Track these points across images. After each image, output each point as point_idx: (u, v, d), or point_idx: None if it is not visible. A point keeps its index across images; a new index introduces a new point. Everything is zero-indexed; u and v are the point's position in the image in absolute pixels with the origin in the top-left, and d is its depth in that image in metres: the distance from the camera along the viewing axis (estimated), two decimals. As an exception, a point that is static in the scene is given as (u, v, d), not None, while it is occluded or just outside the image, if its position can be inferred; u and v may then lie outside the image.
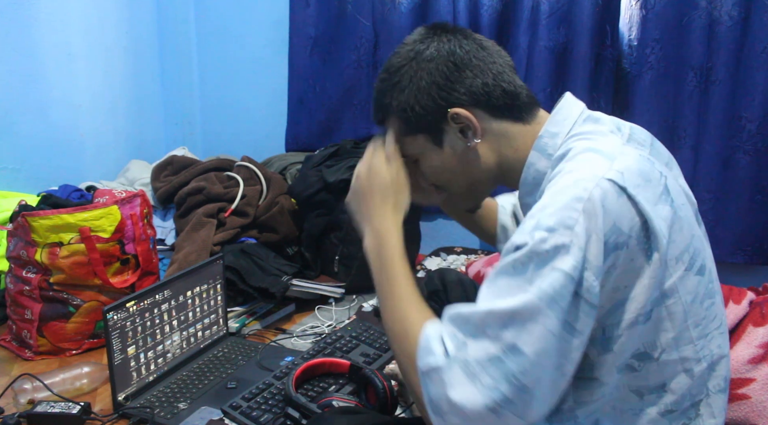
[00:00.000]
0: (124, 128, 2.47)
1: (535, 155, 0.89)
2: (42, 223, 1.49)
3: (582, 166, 0.80)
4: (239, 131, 2.61)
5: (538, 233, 0.74)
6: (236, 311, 1.70)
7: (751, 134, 1.85)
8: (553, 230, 0.74)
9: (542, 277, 0.74)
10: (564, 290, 0.73)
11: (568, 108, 0.91)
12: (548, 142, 0.89)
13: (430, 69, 0.90)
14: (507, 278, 0.76)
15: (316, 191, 2.04)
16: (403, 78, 0.92)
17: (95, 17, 2.29)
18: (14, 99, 2.02)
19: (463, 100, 0.90)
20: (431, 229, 2.32)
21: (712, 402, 0.86)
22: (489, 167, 0.94)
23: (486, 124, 0.91)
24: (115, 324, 1.25)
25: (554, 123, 0.90)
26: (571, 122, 0.89)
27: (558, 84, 2.04)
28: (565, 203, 0.75)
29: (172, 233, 2.05)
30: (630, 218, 0.76)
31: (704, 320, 0.84)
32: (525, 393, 0.74)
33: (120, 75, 2.43)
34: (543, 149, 0.89)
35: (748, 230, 1.90)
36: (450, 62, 0.90)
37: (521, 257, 0.75)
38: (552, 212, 0.75)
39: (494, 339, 0.75)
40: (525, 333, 0.74)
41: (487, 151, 0.92)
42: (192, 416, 1.25)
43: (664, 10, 1.88)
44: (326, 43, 2.34)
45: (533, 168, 0.89)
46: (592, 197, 0.74)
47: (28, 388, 1.29)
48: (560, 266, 0.73)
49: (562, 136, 0.88)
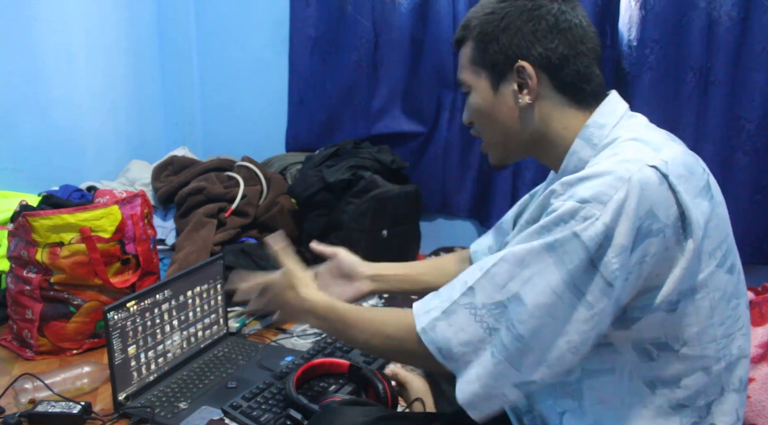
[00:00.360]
0: (124, 128, 2.47)
1: (580, 143, 0.90)
2: (43, 223, 1.49)
3: (627, 151, 0.81)
4: (239, 131, 2.61)
5: (570, 202, 0.77)
6: (236, 311, 1.70)
7: (750, 134, 1.85)
8: (586, 202, 0.76)
9: (555, 233, 0.77)
10: (575, 254, 0.76)
11: (614, 103, 0.92)
12: (594, 132, 0.89)
13: (530, 17, 0.90)
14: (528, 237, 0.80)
15: (316, 191, 2.04)
16: (501, 11, 0.92)
17: (95, 17, 2.30)
18: (15, 99, 2.02)
19: (537, 59, 0.90)
20: (431, 229, 2.33)
21: (725, 401, 0.87)
22: (530, 132, 0.94)
23: (545, 91, 0.91)
24: (116, 324, 1.26)
25: (602, 114, 0.90)
26: (618, 115, 0.90)
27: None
28: (605, 180, 0.76)
29: (172, 233, 2.05)
30: (668, 206, 0.77)
31: (729, 319, 0.85)
32: (520, 342, 0.77)
33: (120, 75, 2.44)
34: (589, 138, 0.89)
35: (747, 230, 1.90)
36: (548, 22, 0.90)
37: (547, 222, 0.78)
38: (590, 186, 0.77)
39: (500, 286, 0.79)
40: (528, 284, 0.77)
41: (536, 116, 0.92)
42: (192, 416, 1.25)
43: (663, 11, 1.88)
44: (326, 43, 2.34)
45: (576, 156, 0.90)
46: (632, 179, 0.76)
47: (29, 388, 1.30)
48: (578, 231, 0.75)
49: (608, 128, 0.89)
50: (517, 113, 0.93)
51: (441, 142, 2.27)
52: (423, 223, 2.20)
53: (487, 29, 0.92)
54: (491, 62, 0.93)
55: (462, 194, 2.28)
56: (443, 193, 2.32)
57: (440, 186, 2.31)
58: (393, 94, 2.29)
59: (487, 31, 0.92)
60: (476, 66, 0.94)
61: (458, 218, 2.33)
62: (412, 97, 2.28)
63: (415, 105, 2.28)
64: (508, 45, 0.91)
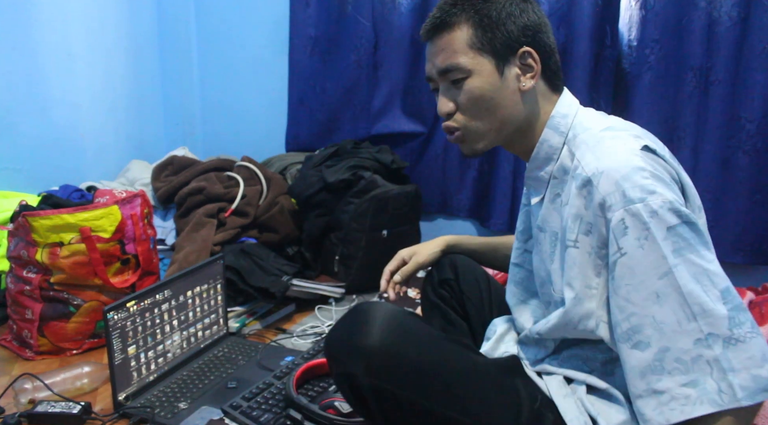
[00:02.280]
0: (124, 128, 2.47)
1: (549, 132, 0.97)
2: (42, 223, 1.49)
3: (617, 140, 0.88)
4: (239, 131, 2.62)
5: (634, 206, 0.81)
6: (236, 311, 1.70)
7: (750, 134, 1.85)
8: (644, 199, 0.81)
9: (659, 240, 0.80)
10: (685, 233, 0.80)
11: (569, 96, 1.01)
12: (560, 121, 0.97)
13: (523, 7, 0.96)
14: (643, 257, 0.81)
15: (316, 191, 2.04)
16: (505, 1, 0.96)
17: (95, 17, 2.30)
18: (14, 99, 2.02)
19: (538, 45, 0.96)
20: (431, 229, 2.33)
21: None
22: (524, 117, 0.98)
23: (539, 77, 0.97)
24: (116, 324, 1.26)
25: (562, 105, 0.99)
26: (575, 107, 0.99)
27: (558, 84, 2.05)
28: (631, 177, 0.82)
29: (172, 233, 2.05)
30: (669, 171, 0.87)
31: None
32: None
33: (120, 75, 2.44)
34: (556, 127, 0.97)
35: (747, 230, 1.90)
36: (536, 13, 0.97)
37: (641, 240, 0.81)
38: (630, 187, 0.82)
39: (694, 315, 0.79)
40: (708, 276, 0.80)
41: (529, 101, 0.98)
42: (192, 416, 1.25)
43: (663, 11, 1.88)
44: (326, 43, 2.34)
45: (546, 144, 0.97)
46: (646, 164, 0.84)
47: (29, 388, 1.30)
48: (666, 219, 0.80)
49: (570, 117, 0.97)
50: (519, 97, 0.97)
51: (441, 142, 2.27)
52: (423, 223, 2.20)
53: (490, 14, 0.94)
54: (496, 47, 0.95)
55: (462, 194, 2.28)
56: (443, 193, 2.32)
57: (440, 186, 2.32)
58: (393, 94, 2.29)
59: (491, 16, 0.94)
60: (477, 50, 0.95)
61: (458, 218, 2.33)
62: (412, 97, 2.28)
63: (415, 105, 2.28)
64: (516, 32, 0.95)
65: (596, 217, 0.85)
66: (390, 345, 0.89)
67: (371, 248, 1.99)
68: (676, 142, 1.93)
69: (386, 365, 0.88)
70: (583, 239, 0.88)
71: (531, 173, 1.01)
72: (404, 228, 2.07)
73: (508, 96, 0.96)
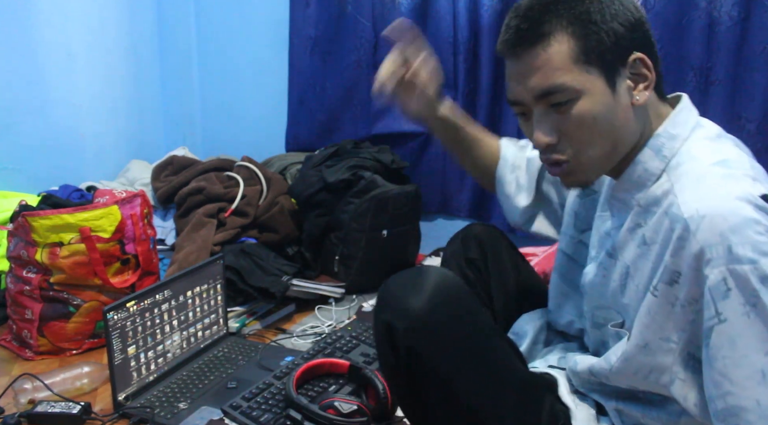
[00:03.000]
0: (124, 128, 2.47)
1: (648, 153, 0.83)
2: (42, 223, 1.49)
3: (728, 184, 0.74)
4: (239, 131, 2.61)
5: (741, 267, 0.69)
6: (236, 311, 1.70)
7: (750, 134, 1.84)
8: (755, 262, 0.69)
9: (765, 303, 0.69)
10: None
11: (688, 111, 0.86)
12: (665, 143, 0.82)
13: (622, 5, 0.80)
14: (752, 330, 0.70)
15: (316, 191, 2.04)
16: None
17: (95, 17, 2.30)
18: (14, 99, 2.02)
19: (648, 48, 0.81)
20: (431, 229, 2.32)
21: None
22: (636, 135, 0.83)
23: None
24: (116, 324, 1.26)
25: (675, 124, 0.83)
26: (690, 126, 0.84)
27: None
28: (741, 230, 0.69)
29: (172, 233, 2.05)
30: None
31: None
32: None
33: (120, 75, 2.44)
34: (658, 149, 0.82)
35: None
36: (638, 10, 0.81)
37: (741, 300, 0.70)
38: (738, 242, 0.69)
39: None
40: None
41: (641, 115, 0.83)
42: (192, 416, 1.25)
43: (663, 10, 1.88)
44: (326, 43, 2.34)
45: (641, 166, 0.83)
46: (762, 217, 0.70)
47: (29, 388, 1.29)
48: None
49: (680, 140, 0.82)
50: (631, 113, 0.81)
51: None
52: (423, 223, 2.20)
53: (592, 16, 0.78)
54: (603, 57, 0.78)
55: (462, 194, 2.28)
56: (443, 193, 2.32)
57: (440, 186, 2.31)
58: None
59: (594, 19, 0.78)
60: (583, 64, 0.78)
61: (458, 218, 2.32)
62: (412, 97, 2.28)
63: (415, 105, 2.28)
64: (622, 34, 0.78)
65: (689, 268, 0.72)
66: (438, 316, 0.85)
67: (371, 248, 1.99)
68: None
69: (429, 333, 0.84)
70: (665, 289, 0.76)
71: (617, 194, 0.87)
72: (404, 228, 2.07)
73: (622, 114, 0.80)
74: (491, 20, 2.08)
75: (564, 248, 1.08)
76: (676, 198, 0.76)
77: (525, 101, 0.82)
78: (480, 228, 1.24)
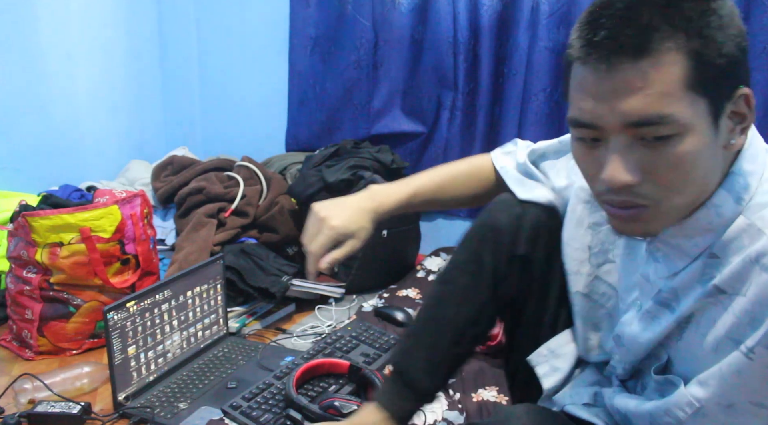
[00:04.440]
0: (124, 128, 2.47)
1: (723, 195, 0.68)
2: (42, 223, 1.49)
3: None
4: (239, 131, 2.61)
5: None
6: (236, 311, 1.70)
7: (750, 135, 1.85)
8: None
9: None
10: None
11: (757, 141, 0.72)
12: (741, 182, 0.68)
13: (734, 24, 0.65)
14: None
15: (316, 191, 2.04)
16: (724, 8, 0.64)
17: (95, 17, 2.30)
18: (14, 99, 2.02)
19: (748, 83, 0.67)
20: (431, 229, 2.32)
21: None
22: (718, 180, 0.69)
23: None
24: (116, 324, 1.26)
25: (746, 159, 0.69)
26: (763, 160, 0.70)
27: (558, 84, 2.05)
28: None
29: (172, 233, 2.05)
30: None
31: None
32: None
33: (120, 75, 2.44)
34: (736, 191, 0.68)
35: (747, 230, 1.89)
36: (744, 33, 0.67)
37: None
38: None
39: None
40: None
41: (727, 160, 0.69)
42: (192, 416, 1.25)
43: (663, 11, 1.88)
44: (326, 43, 2.34)
45: (715, 211, 0.69)
46: None
47: (29, 388, 1.29)
48: None
49: (756, 177, 0.69)
50: (721, 158, 0.67)
51: (441, 142, 2.27)
52: (423, 223, 2.20)
53: (714, 36, 0.62)
54: (714, 85, 0.63)
55: (462, 194, 2.28)
56: (443, 193, 2.31)
57: (440, 186, 2.31)
58: (393, 94, 2.28)
59: (715, 39, 0.62)
60: (695, 94, 0.62)
61: (458, 218, 2.33)
62: (412, 97, 2.28)
63: (415, 105, 2.28)
64: (739, 62, 0.65)
65: None
66: None
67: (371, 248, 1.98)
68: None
69: None
70: (763, 353, 0.65)
71: (670, 239, 0.73)
72: (404, 228, 2.07)
73: (715, 157, 0.66)
74: (491, 20, 2.08)
75: (581, 290, 0.93)
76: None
77: (607, 126, 0.65)
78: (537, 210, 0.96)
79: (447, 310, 0.97)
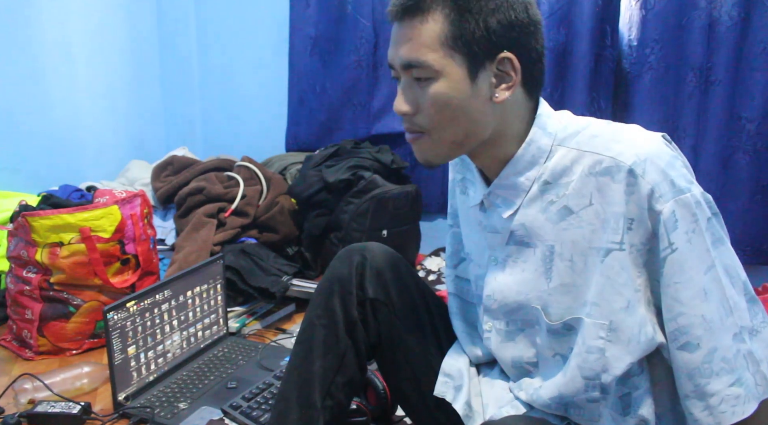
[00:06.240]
0: (124, 128, 2.47)
1: (537, 131, 0.85)
2: (42, 223, 1.49)
3: (639, 133, 0.81)
4: (239, 131, 2.61)
5: (684, 196, 0.76)
6: (236, 311, 1.70)
7: (750, 134, 1.85)
8: (688, 189, 0.76)
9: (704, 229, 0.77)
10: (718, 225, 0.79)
11: (546, 105, 0.90)
12: (547, 121, 0.86)
13: (510, 4, 0.80)
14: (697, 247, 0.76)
15: (316, 191, 2.04)
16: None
17: (95, 17, 2.30)
18: (15, 99, 2.02)
19: (521, 52, 0.81)
20: (431, 229, 2.32)
21: None
22: (491, 129, 0.85)
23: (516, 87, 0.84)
24: (116, 324, 1.26)
25: (543, 105, 0.88)
26: (550, 108, 0.89)
27: (558, 84, 2.05)
28: (674, 165, 0.77)
29: (172, 233, 2.05)
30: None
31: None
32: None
33: (120, 75, 2.44)
34: (544, 127, 0.85)
35: (747, 230, 1.90)
36: (528, 13, 0.82)
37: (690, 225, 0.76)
38: (676, 176, 0.76)
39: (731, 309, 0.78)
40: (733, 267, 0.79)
41: (500, 112, 0.84)
42: (192, 416, 1.25)
43: (663, 11, 1.88)
44: (326, 43, 2.34)
45: (535, 145, 0.85)
46: (676, 153, 0.80)
47: (29, 388, 1.29)
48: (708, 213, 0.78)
49: (554, 118, 0.87)
50: (489, 108, 0.83)
51: (441, 142, 2.27)
52: (423, 223, 2.20)
53: (470, 6, 0.79)
54: (472, 47, 0.79)
55: (462, 194, 2.28)
56: (443, 193, 2.32)
57: (440, 186, 2.31)
58: (393, 94, 2.28)
59: (471, 9, 0.79)
60: (449, 48, 0.80)
61: (458, 218, 2.33)
62: (412, 97, 2.28)
63: (415, 105, 2.28)
64: (496, 30, 0.79)
65: (641, 210, 0.76)
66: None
67: (371, 248, 1.99)
68: (677, 142, 1.91)
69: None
70: (629, 237, 0.78)
71: (505, 181, 0.87)
72: (404, 228, 2.07)
73: (478, 107, 0.82)
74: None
75: (454, 291, 1.04)
76: (603, 155, 0.79)
77: (395, 66, 0.84)
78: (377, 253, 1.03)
79: (311, 365, 0.99)
